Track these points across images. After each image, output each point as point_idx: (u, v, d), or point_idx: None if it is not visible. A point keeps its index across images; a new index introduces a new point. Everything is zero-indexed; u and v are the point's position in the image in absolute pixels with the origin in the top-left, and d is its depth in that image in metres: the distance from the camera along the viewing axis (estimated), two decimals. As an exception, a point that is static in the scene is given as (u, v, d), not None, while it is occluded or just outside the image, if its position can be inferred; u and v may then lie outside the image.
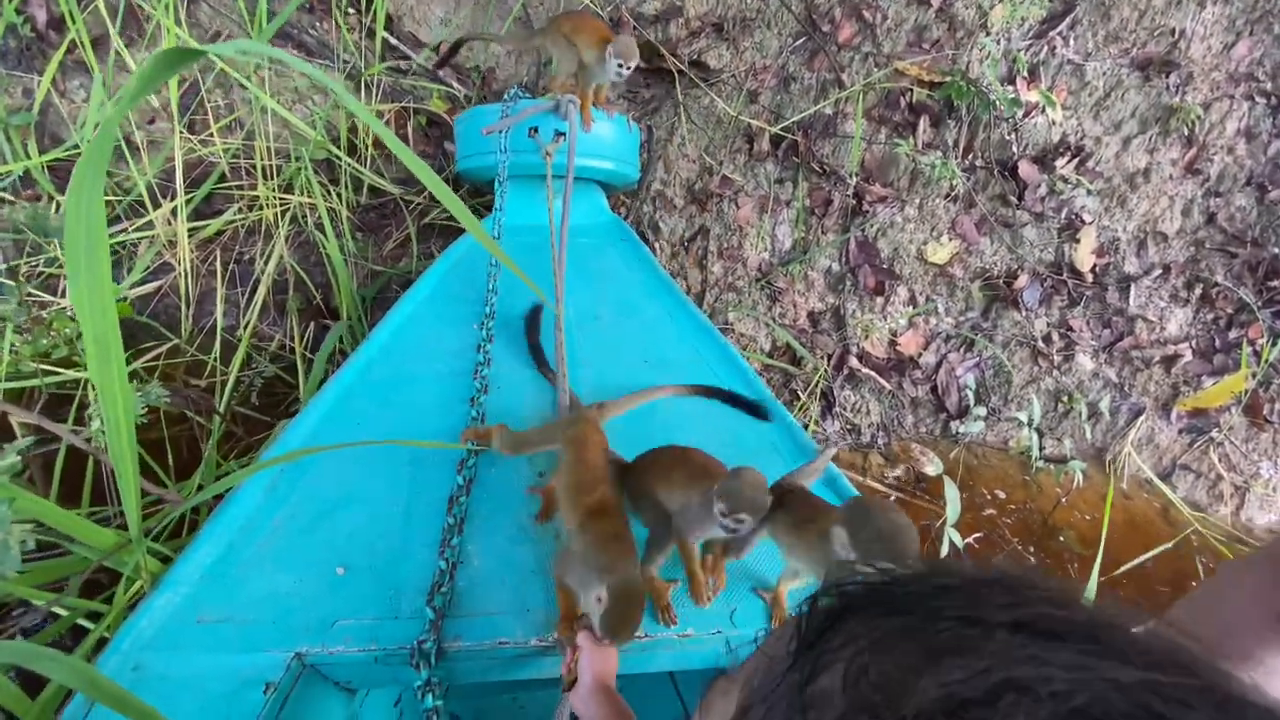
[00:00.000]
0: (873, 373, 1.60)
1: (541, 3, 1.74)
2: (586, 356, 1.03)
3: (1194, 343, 1.70)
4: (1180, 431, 1.65)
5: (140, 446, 1.18)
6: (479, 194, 1.66)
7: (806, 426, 1.57)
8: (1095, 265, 1.73)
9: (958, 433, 1.58)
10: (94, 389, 1.21)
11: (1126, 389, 1.66)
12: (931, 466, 1.42)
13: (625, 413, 0.90)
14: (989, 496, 1.48)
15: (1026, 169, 1.73)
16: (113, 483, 1.18)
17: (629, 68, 1.13)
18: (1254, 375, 1.63)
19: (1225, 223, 1.80)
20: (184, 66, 0.47)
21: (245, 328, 1.40)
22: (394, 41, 1.65)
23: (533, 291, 1.02)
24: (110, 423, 0.58)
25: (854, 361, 1.60)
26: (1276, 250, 1.78)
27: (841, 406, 1.60)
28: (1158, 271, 1.75)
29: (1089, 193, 1.76)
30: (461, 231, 1.62)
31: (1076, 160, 1.77)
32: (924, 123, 1.71)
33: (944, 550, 1.22)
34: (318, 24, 1.63)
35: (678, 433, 0.85)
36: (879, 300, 1.66)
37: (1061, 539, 1.26)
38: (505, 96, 1.35)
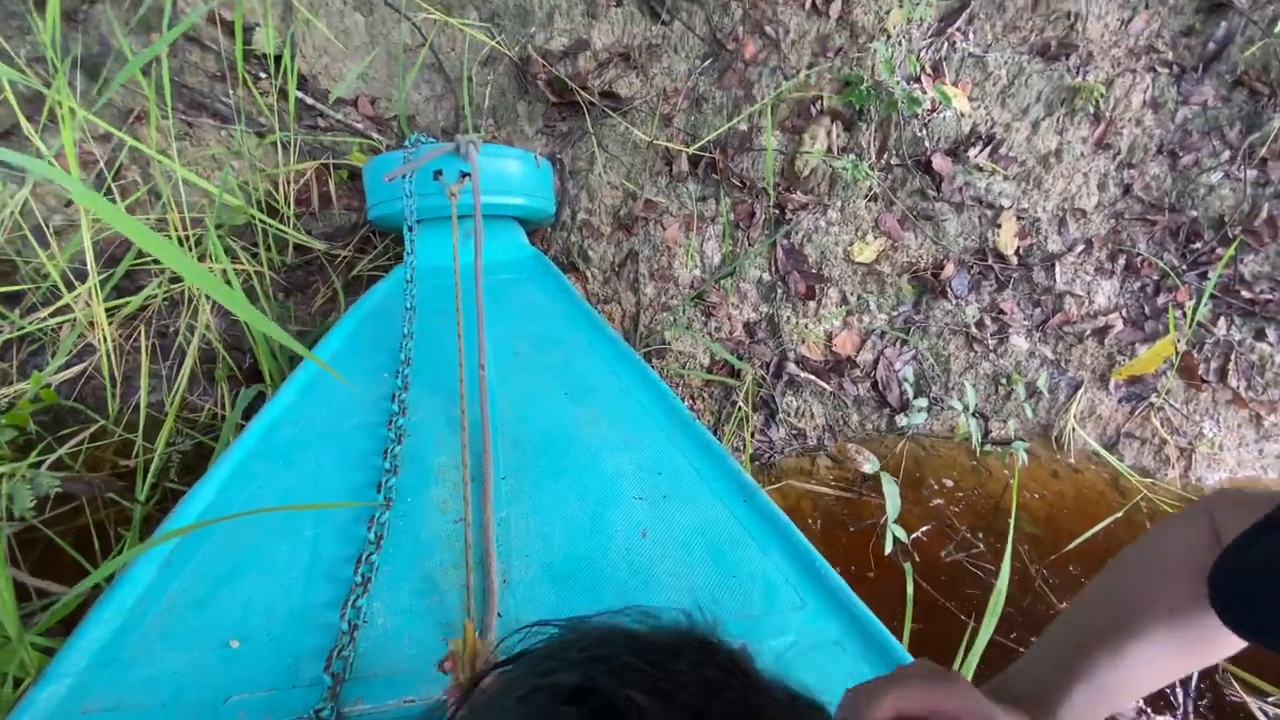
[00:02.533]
0: (812, 376, 1.61)
1: (453, 48, 1.77)
2: (506, 393, 1.03)
3: (1124, 312, 1.73)
4: (1120, 400, 1.67)
5: (63, 534, 1.16)
6: (401, 241, 1.67)
7: (753, 435, 1.57)
8: (1019, 248, 1.77)
9: (902, 426, 1.59)
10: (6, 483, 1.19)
11: (1063, 365, 1.69)
12: (868, 465, 1.42)
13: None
14: (937, 486, 1.49)
15: (940, 162, 1.77)
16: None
17: None
18: (1183, 339, 1.66)
19: (1142, 192, 1.85)
20: None
21: (171, 402, 1.39)
22: (309, 100, 1.66)
23: (451, 334, 1.03)
24: None
25: (792, 367, 1.61)
26: (1194, 214, 1.83)
27: (785, 413, 1.60)
28: (1080, 247, 1.78)
29: (1005, 179, 1.81)
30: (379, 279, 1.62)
31: (988, 149, 1.82)
32: (836, 128, 1.74)
33: (888, 547, 1.22)
34: (230, 91, 1.64)
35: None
36: (811, 304, 1.68)
37: (1010, 521, 1.26)
38: (406, 143, 1.36)
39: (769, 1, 1.80)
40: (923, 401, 1.59)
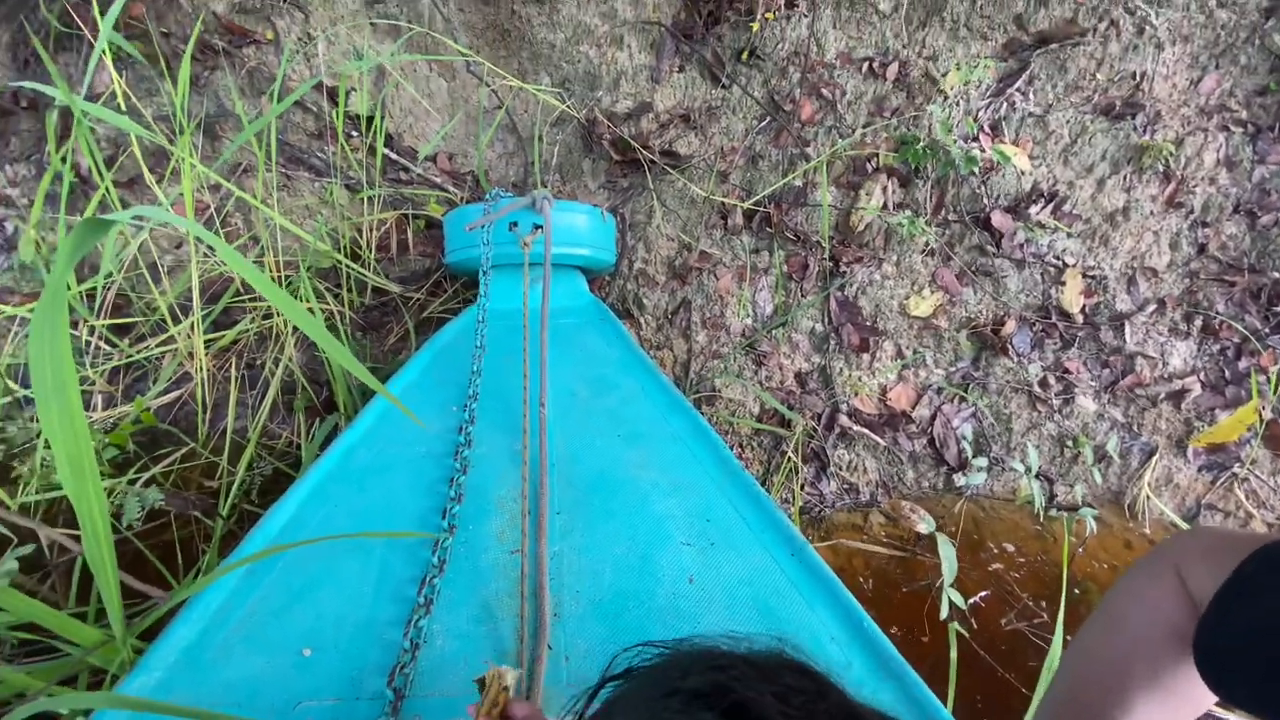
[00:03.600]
0: (865, 429, 1.59)
1: (526, 110, 1.91)
2: (563, 432, 1.07)
3: (1201, 375, 1.64)
4: (1200, 469, 1.57)
5: (151, 548, 1.26)
6: (473, 285, 1.77)
7: (803, 487, 1.55)
8: (1085, 306, 1.72)
9: (960, 486, 1.54)
10: (114, 500, 1.31)
11: (1135, 429, 1.61)
12: (923, 524, 1.38)
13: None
14: (997, 550, 1.42)
15: (1000, 219, 1.76)
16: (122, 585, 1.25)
17: None
18: (1268, 405, 1.56)
19: (1218, 252, 1.78)
20: (102, 234, 0.56)
21: (254, 428, 1.49)
22: (394, 156, 1.82)
23: (518, 371, 1.09)
24: (87, 532, 0.64)
25: (845, 419, 1.60)
26: (1276, 275, 1.74)
27: (837, 466, 1.58)
28: (1152, 307, 1.72)
29: (1068, 235, 1.78)
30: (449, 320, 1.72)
31: (1051, 206, 1.80)
32: (892, 184, 1.77)
33: (944, 612, 1.17)
34: (325, 146, 1.81)
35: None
36: (865, 357, 1.67)
37: (1078, 591, 1.19)
38: (486, 197, 1.47)
39: (826, 65, 1.87)
40: (982, 461, 1.54)
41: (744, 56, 1.81)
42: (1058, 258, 1.76)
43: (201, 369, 1.52)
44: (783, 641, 0.33)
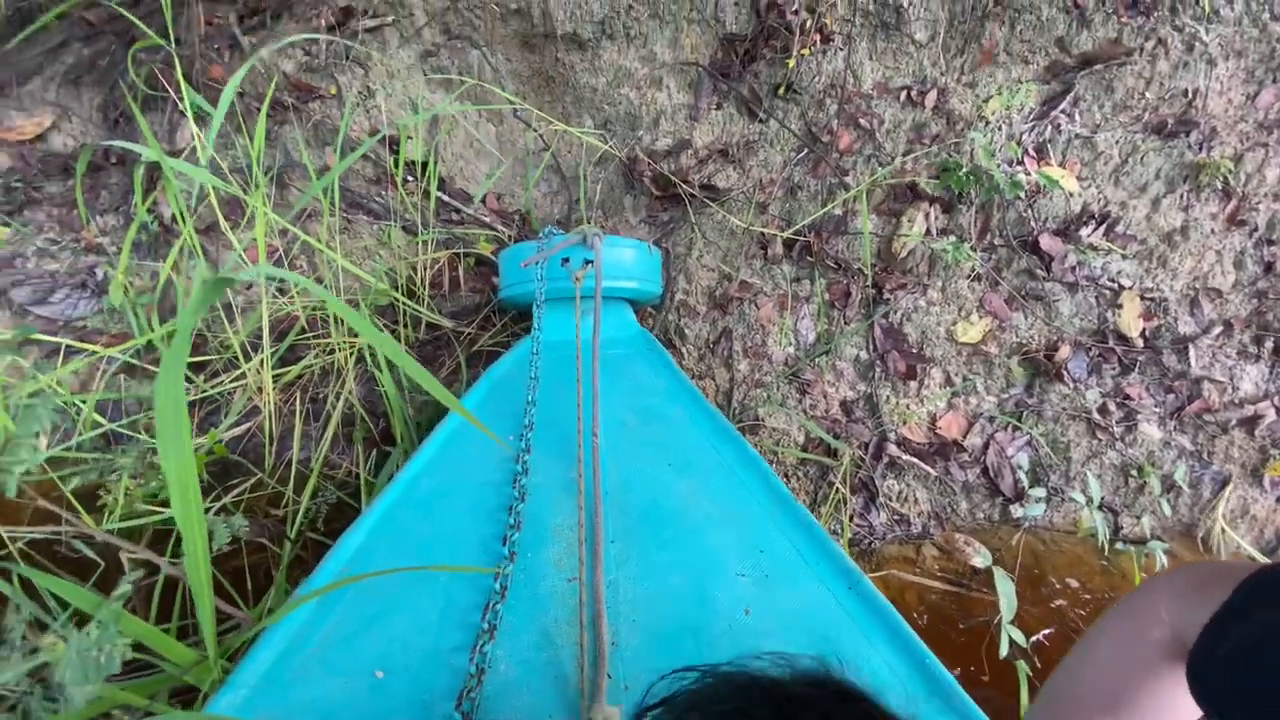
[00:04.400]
0: (915, 459, 1.56)
1: (569, 150, 1.99)
2: (614, 461, 1.09)
3: (1276, 400, 1.56)
4: (1279, 500, 1.48)
5: (224, 573, 1.32)
6: (522, 318, 1.83)
7: (851, 519, 1.53)
8: (1144, 329, 1.66)
9: (1018, 517, 1.49)
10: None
11: (1205, 457, 1.53)
12: (979, 558, 1.33)
13: None
14: (1059, 586, 1.36)
15: (1049, 242, 1.73)
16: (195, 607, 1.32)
17: None
18: (1357, 432, 1.47)
19: (1288, 271, 1.70)
20: (223, 290, 0.62)
21: (317, 459, 1.57)
22: (446, 199, 1.91)
23: (570, 402, 1.12)
24: (189, 557, 0.70)
25: (893, 449, 1.57)
26: (1355, 294, 1.65)
27: (886, 497, 1.55)
28: (1218, 329, 1.65)
29: (1124, 257, 1.73)
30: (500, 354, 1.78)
31: (1103, 227, 1.76)
32: (934, 210, 1.76)
33: (1004, 650, 1.13)
34: (383, 191, 1.92)
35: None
36: (912, 384, 1.65)
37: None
38: (540, 234, 1.53)
39: (863, 96, 1.90)
40: (1040, 491, 1.49)
41: (780, 91, 1.86)
42: (1113, 280, 1.72)
43: (269, 403, 1.61)
44: (824, 662, 0.33)
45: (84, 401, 1.58)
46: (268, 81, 1.85)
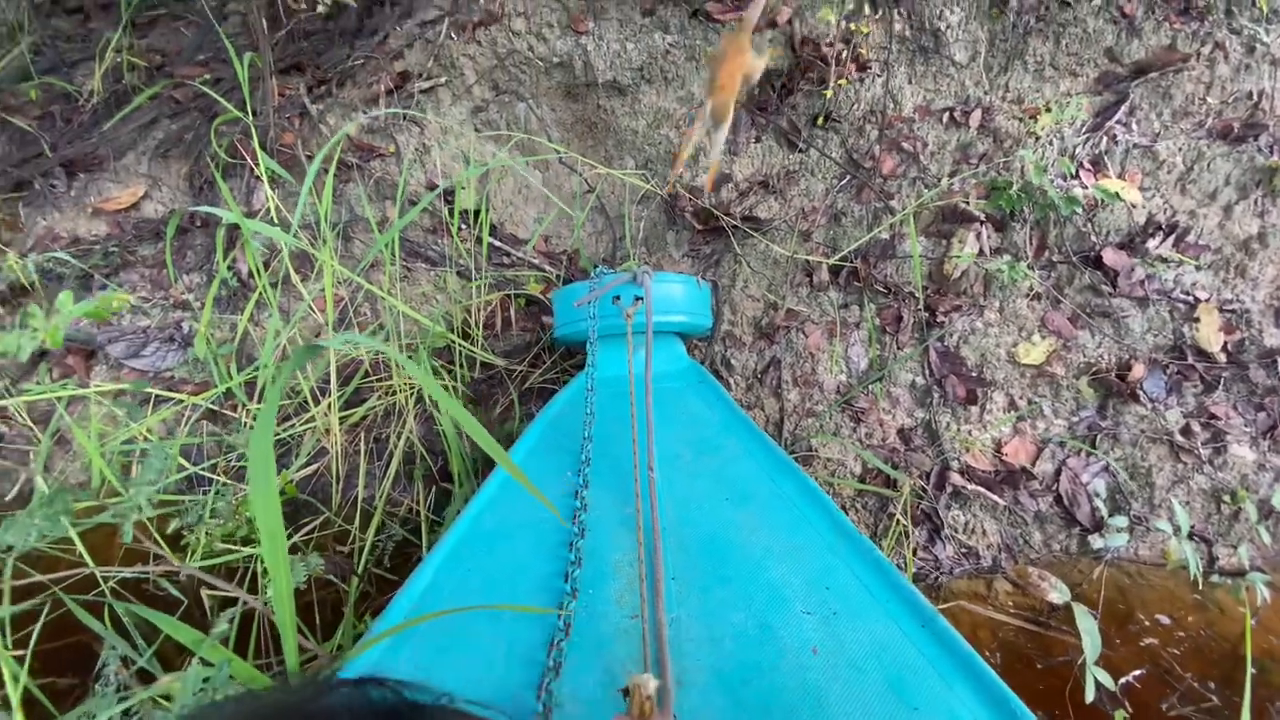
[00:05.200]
0: (981, 488, 1.50)
1: (612, 190, 2.05)
2: (671, 495, 1.09)
3: (1388, 417, 1.43)
4: (1405, 527, 1.34)
5: (295, 608, 1.37)
6: (570, 355, 1.87)
7: (915, 552, 1.47)
8: (1226, 343, 1.57)
9: (1098, 549, 1.40)
10: (262, 564, 1.46)
11: (1310, 480, 1.41)
12: (1056, 593, 1.25)
13: None
14: (1149, 623, 1.26)
15: (1113, 256, 1.66)
16: (274, 643, 1.37)
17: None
18: None
19: (1386, 275, 1.58)
20: (314, 355, 0.67)
21: (380, 497, 1.63)
22: (498, 244, 1.99)
23: (625, 436, 1.13)
24: (277, 594, 0.73)
25: (957, 478, 1.51)
26: None
27: (952, 528, 1.49)
28: (1311, 340, 1.54)
29: (1197, 268, 1.65)
30: (555, 391, 1.82)
31: (1172, 238, 1.68)
32: (986, 230, 1.73)
33: (1089, 694, 1.04)
34: (439, 239, 2.02)
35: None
36: (973, 409, 1.59)
37: (1255, 670, 1.03)
38: (591, 274, 1.57)
39: (904, 120, 1.89)
40: (1121, 520, 1.40)
41: (819, 121, 1.87)
42: (1187, 293, 1.63)
43: (336, 444, 1.68)
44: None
45: (171, 447, 1.70)
46: (333, 144, 2.00)
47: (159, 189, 2.12)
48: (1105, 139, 1.80)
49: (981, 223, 1.72)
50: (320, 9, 1.96)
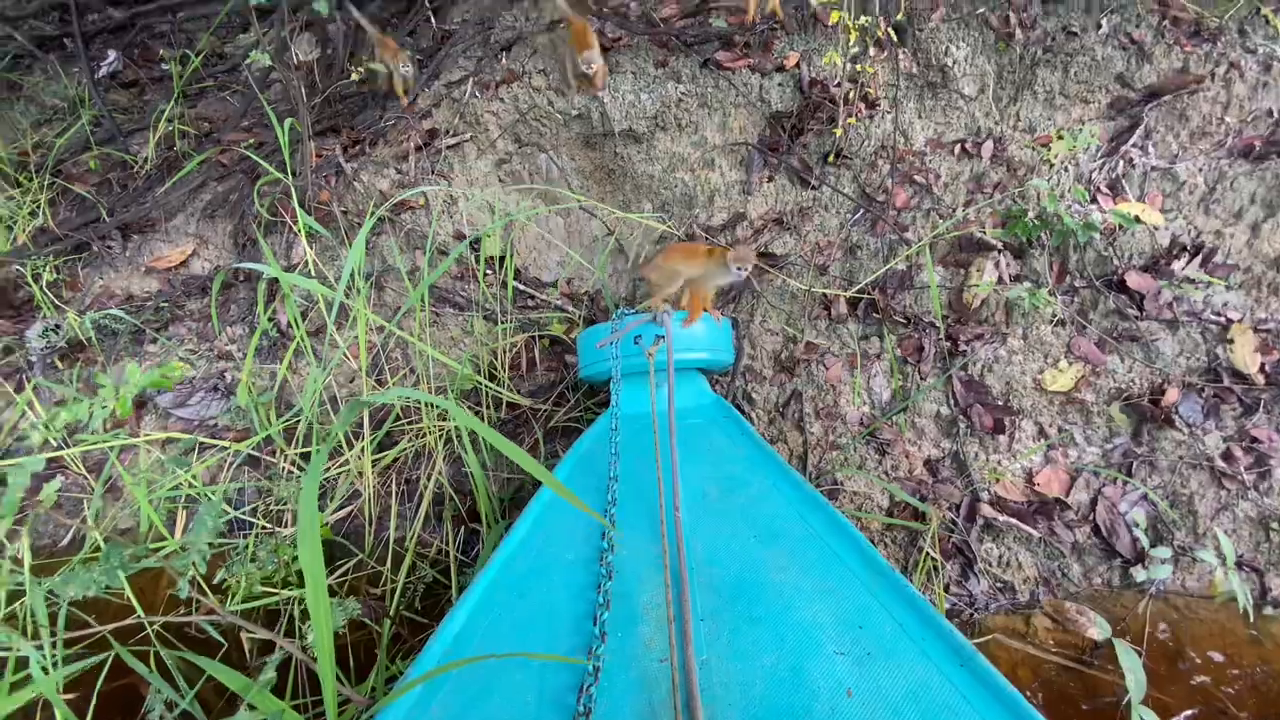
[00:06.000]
0: (1013, 519, 1.47)
1: (631, 232, 2.11)
2: (698, 534, 1.08)
3: None
4: None
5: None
6: (594, 393, 1.91)
7: (947, 588, 1.44)
8: (1263, 364, 1.53)
9: (1141, 581, 1.35)
10: (299, 607, 1.49)
11: (1365, 505, 1.35)
12: (1096, 629, 1.21)
13: None
14: (1200, 660, 1.21)
15: (1137, 280, 1.65)
16: (309, 685, 1.40)
17: (747, 269, 1.43)
18: None
19: None
20: (362, 410, 0.71)
21: (410, 538, 1.66)
22: (522, 287, 2.06)
23: (652, 474, 1.14)
24: (319, 640, 0.76)
25: (987, 509, 1.48)
26: None
27: (985, 562, 1.45)
28: (1354, 359, 1.49)
29: (1227, 288, 1.62)
30: (582, 432, 1.85)
31: (1198, 258, 1.66)
32: (1004, 258, 1.73)
33: (1140, 737, 1.00)
34: (466, 285, 2.10)
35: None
36: (1001, 439, 1.57)
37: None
38: (613, 316, 1.62)
39: (915, 154, 1.92)
40: (1164, 551, 1.36)
41: (830, 159, 1.91)
42: (1218, 314, 1.60)
43: (369, 486, 1.73)
44: None
45: (213, 493, 1.76)
46: (367, 199, 2.11)
47: (206, 247, 2.25)
48: (1121, 163, 1.80)
49: (999, 251, 1.73)
50: (354, 76, 2.09)
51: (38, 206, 2.45)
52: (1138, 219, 1.65)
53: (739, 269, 1.42)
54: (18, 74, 3.02)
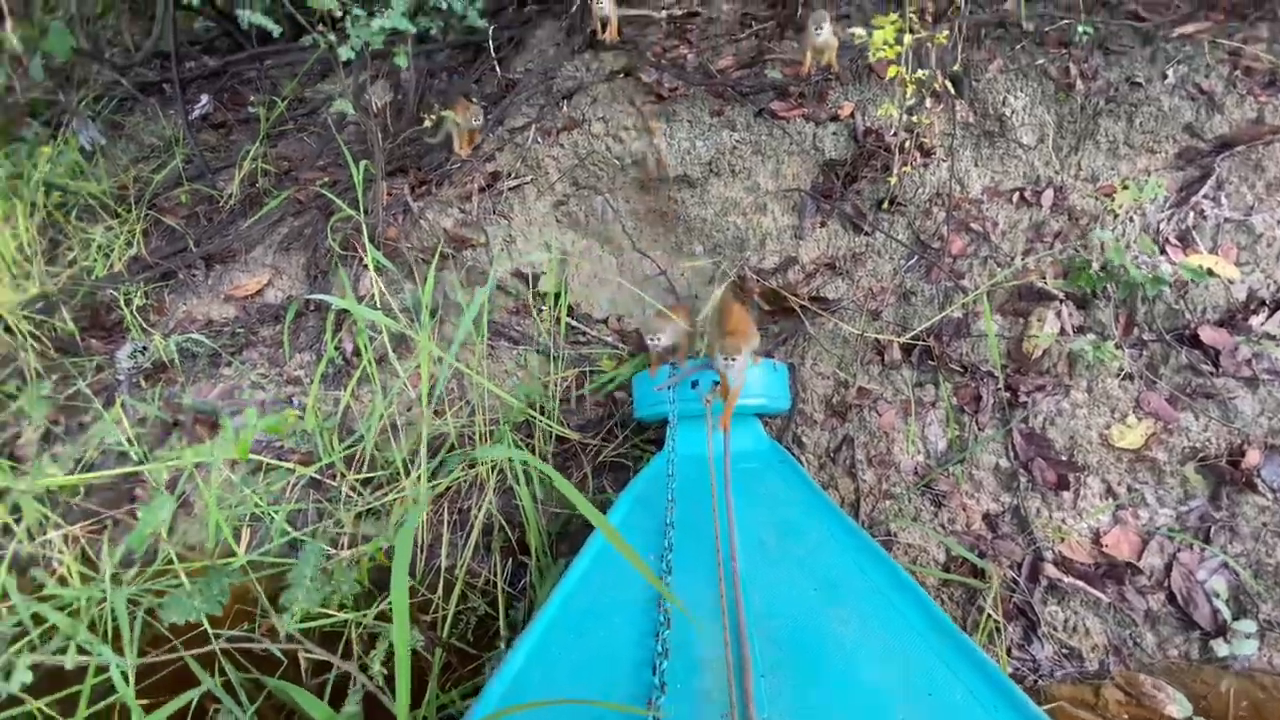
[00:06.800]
0: (1080, 582, 1.40)
1: (683, 274, 2.16)
2: (756, 584, 1.06)
3: None
4: None
5: (382, 680, 1.43)
6: (642, 430, 1.93)
7: (1009, 651, 1.38)
8: (1355, 428, 1.44)
9: (1223, 656, 1.27)
10: (356, 629, 1.54)
11: None
12: (1175, 706, 1.13)
13: None
14: (1297, 750, 1.12)
15: (1211, 334, 1.59)
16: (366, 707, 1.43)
17: (734, 359, 1.43)
18: None
19: None
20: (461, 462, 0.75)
21: (460, 567, 1.69)
22: (573, 323, 2.12)
23: (707, 519, 1.14)
24: (400, 671, 0.80)
25: (1051, 569, 1.43)
26: None
27: (1050, 625, 1.39)
28: None
29: (1310, 346, 1.54)
30: (630, 468, 1.86)
31: (1278, 314, 1.59)
32: (1066, 308, 1.69)
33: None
34: (521, 320, 2.17)
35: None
36: (1066, 495, 1.51)
37: None
38: (670, 360, 1.65)
39: (971, 202, 1.92)
40: (1248, 625, 1.27)
41: (884, 206, 1.92)
42: (1301, 373, 1.52)
43: (423, 514, 1.78)
44: None
45: (277, 513, 1.84)
46: (431, 237, 2.21)
47: (281, 277, 2.40)
48: (1192, 214, 1.76)
49: (1061, 301, 1.69)
50: (426, 123, 2.22)
51: (133, 236, 2.66)
52: (1210, 271, 1.60)
53: (725, 360, 1.42)
54: (121, 115, 3.32)
